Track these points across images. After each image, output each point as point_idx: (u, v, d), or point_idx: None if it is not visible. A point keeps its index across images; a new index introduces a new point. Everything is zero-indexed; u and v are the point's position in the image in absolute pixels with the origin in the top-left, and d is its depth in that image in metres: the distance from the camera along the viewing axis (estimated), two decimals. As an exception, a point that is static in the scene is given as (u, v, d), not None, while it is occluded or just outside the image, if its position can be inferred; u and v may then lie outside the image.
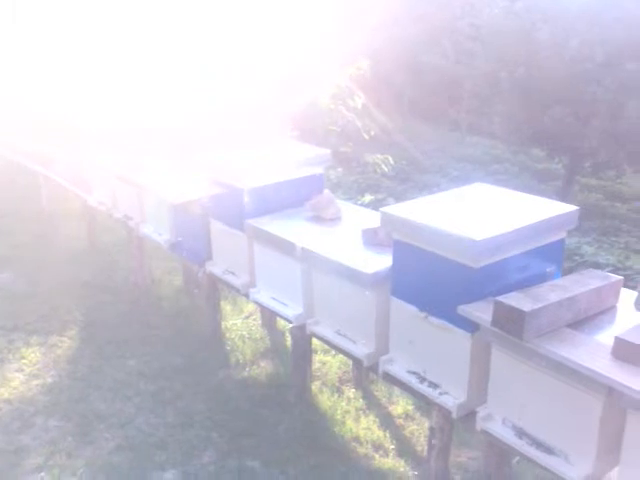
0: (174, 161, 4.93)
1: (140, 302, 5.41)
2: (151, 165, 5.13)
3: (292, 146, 4.68)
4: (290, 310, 3.86)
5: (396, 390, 4.15)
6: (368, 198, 7.81)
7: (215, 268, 4.51)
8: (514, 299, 2.58)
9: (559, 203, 3.14)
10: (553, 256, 3.06)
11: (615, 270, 6.14)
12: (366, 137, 7.31)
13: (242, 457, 3.50)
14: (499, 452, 3.38)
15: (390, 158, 7.73)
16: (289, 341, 4.27)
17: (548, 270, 3.02)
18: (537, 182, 11.86)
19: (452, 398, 2.99)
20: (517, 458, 3.47)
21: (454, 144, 14.46)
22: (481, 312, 2.70)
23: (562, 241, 3.09)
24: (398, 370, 3.25)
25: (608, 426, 2.47)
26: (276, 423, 3.81)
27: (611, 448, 2.49)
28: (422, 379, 3.15)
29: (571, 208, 3.05)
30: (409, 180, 10.52)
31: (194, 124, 5.15)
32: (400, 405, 4.10)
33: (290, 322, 3.88)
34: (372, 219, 3.61)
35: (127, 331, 4.88)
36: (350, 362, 4.27)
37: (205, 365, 4.44)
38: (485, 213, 3.04)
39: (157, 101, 5.53)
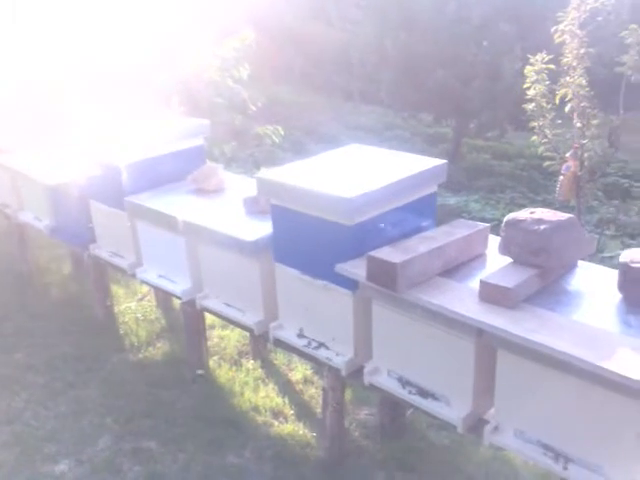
0: (48, 140, 4.69)
1: (26, 292, 5.16)
2: (24, 146, 4.86)
3: (170, 119, 4.56)
4: (178, 286, 3.79)
5: (295, 357, 4.18)
6: (263, 171, 7.74)
7: (100, 251, 4.36)
8: (385, 253, 2.64)
9: (429, 158, 3.23)
10: (426, 210, 3.15)
11: (500, 223, 6.43)
12: (253, 108, 7.21)
13: (138, 439, 3.43)
14: (392, 405, 3.52)
15: (280, 129, 7.66)
16: (184, 319, 4.20)
17: (422, 224, 3.11)
18: (428, 146, 12.19)
19: (340, 356, 3.05)
20: (411, 409, 3.60)
21: (348, 113, 14.58)
22: (358, 269, 2.75)
23: (434, 195, 3.19)
24: (288, 335, 3.27)
25: (482, 367, 2.59)
26: (173, 402, 3.76)
27: (488, 388, 2.61)
28: (311, 341, 3.18)
29: (439, 162, 3.15)
30: (304, 151, 10.53)
31: (67, 101, 4.91)
32: (299, 371, 4.14)
33: (179, 298, 3.82)
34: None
35: (12, 323, 4.64)
36: (249, 334, 4.27)
37: (98, 351, 4.30)
38: (358, 172, 3.09)
39: (23, 75, 5.22)
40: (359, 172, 3.10)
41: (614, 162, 11.21)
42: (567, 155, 4.54)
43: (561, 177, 4.58)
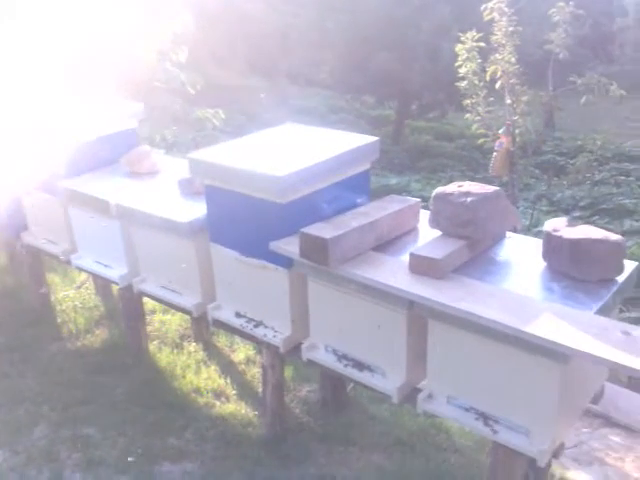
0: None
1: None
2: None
3: (103, 103, 4.45)
4: (115, 272, 3.73)
5: (237, 338, 4.19)
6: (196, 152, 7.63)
7: (32, 239, 4.25)
8: (317, 229, 2.66)
9: (362, 136, 3.26)
10: (360, 187, 3.18)
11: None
12: (192, 91, 7.11)
13: (76, 426, 3.38)
14: (333, 381, 3.56)
15: (221, 112, 7.59)
16: (123, 304, 4.14)
17: (357, 201, 3.14)
18: (372, 128, 12.27)
19: (278, 334, 3.06)
20: (351, 384, 3.66)
21: (293, 97, 14.54)
22: (291, 246, 2.76)
23: (367, 172, 3.22)
24: (226, 315, 3.26)
25: (415, 338, 2.65)
26: (113, 388, 3.71)
27: (421, 358, 2.67)
28: (249, 320, 3.19)
29: (371, 140, 3.17)
30: (247, 135, 10.46)
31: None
32: (241, 352, 4.15)
33: (117, 284, 3.76)
34: (190, 169, 3.55)
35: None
36: (190, 318, 4.24)
37: (34, 341, 4.20)
38: (290, 151, 3.09)
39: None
40: (292, 150, 3.10)
41: (550, 140, 11.56)
42: (500, 132, 4.64)
43: (494, 153, 4.69)
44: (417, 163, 9.74)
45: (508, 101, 4.57)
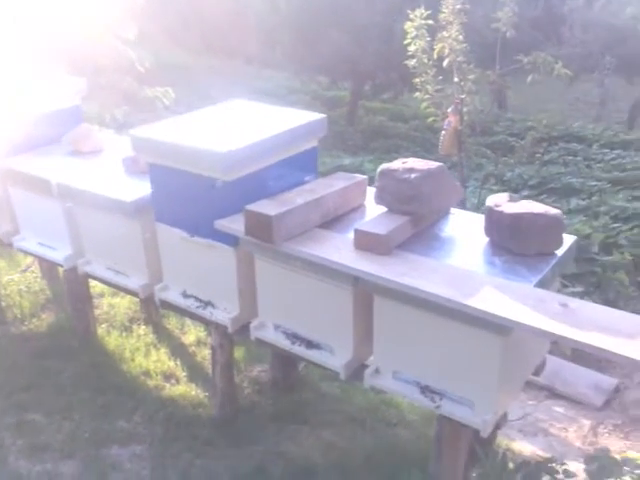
0: None
1: None
2: None
3: (44, 80, 4.31)
4: (59, 253, 3.63)
5: (188, 320, 4.15)
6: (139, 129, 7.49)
7: (-28, 221, 4.10)
8: (261, 206, 2.64)
9: (309, 112, 3.23)
10: (307, 165, 3.16)
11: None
12: (141, 69, 6.95)
13: (21, 412, 3.30)
14: (284, 360, 3.56)
15: (171, 91, 7.45)
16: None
17: (304, 179, 3.12)
18: (327, 109, 12.20)
19: (226, 314, 3.04)
20: (303, 363, 3.67)
21: (249, 78, 14.35)
22: (236, 224, 2.73)
23: (314, 150, 3.19)
24: (173, 296, 3.22)
25: (361, 314, 2.66)
26: (59, 372, 3.64)
27: (369, 334, 2.68)
28: (197, 300, 3.15)
29: (318, 116, 3.15)
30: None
31: None
32: (192, 333, 4.11)
33: (61, 266, 3.67)
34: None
35: None
36: (139, 300, 4.17)
37: (-24, 327, 4.09)
38: (236, 127, 3.05)
39: None
40: (237, 127, 3.06)
41: (502, 121, 11.72)
42: (448, 111, 4.67)
43: (443, 132, 4.72)
44: (371, 144, 9.76)
45: (456, 79, 4.60)
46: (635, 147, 9.66)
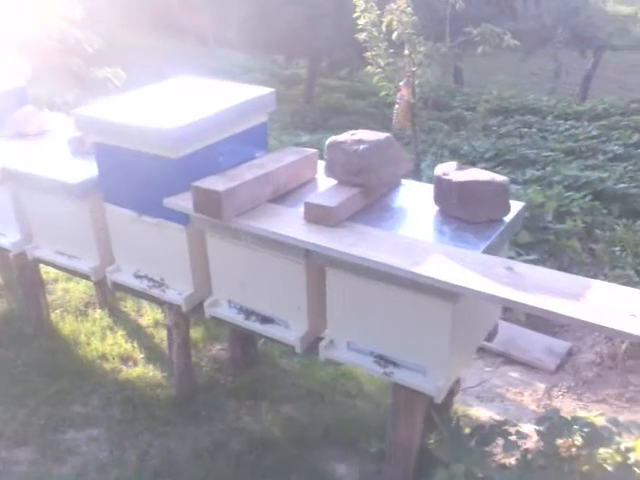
0: None
1: None
2: None
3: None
4: (7, 239, 3.54)
5: (145, 302, 4.10)
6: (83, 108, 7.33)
7: None
8: (210, 182, 2.60)
9: (257, 87, 3.19)
10: (257, 140, 3.12)
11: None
12: (89, 49, 6.78)
13: (-27, 402, 3.24)
14: (242, 337, 3.55)
15: (121, 71, 7.28)
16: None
17: (254, 155, 3.09)
18: (285, 88, 12.14)
19: (180, 293, 3.01)
20: (262, 340, 3.66)
21: (203, 57, 14.11)
22: (186, 201, 2.69)
23: (264, 125, 3.16)
24: (126, 278, 3.17)
25: (315, 287, 2.65)
26: (12, 359, 3.57)
27: (323, 307, 2.68)
28: (150, 281, 3.11)
29: (267, 91, 3.11)
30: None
31: None
32: (149, 315, 4.07)
33: (9, 251, 3.58)
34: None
35: None
36: (94, 284, 4.10)
37: None
38: (184, 103, 2.99)
39: None
40: (184, 103, 3.00)
41: (459, 96, 11.80)
42: (400, 84, 4.67)
43: (396, 106, 4.72)
44: (329, 121, 9.73)
45: (406, 52, 4.60)
46: (588, 117, 9.83)
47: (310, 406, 3.24)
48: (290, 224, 2.55)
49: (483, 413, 3.32)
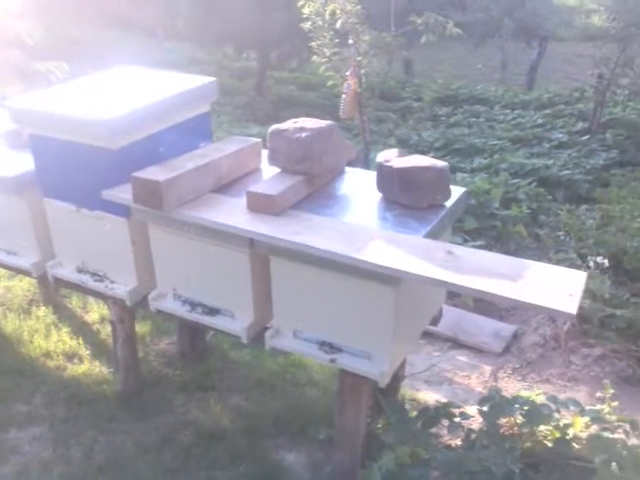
0: None
1: None
2: None
3: None
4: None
5: (91, 298, 4.02)
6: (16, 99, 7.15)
7: None
8: (150, 172, 2.56)
9: (198, 76, 3.15)
10: (200, 131, 3.08)
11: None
12: (30, 42, 6.56)
13: None
14: (190, 330, 3.52)
15: (65, 64, 7.08)
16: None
17: (197, 145, 3.04)
18: (236, 80, 12.02)
19: (123, 287, 2.96)
20: (211, 333, 3.64)
21: (150, 50, 13.85)
22: (126, 193, 2.64)
23: (206, 115, 3.12)
24: (67, 272, 3.10)
25: (260, 276, 2.64)
26: (-49, 361, 3.46)
27: (269, 296, 2.67)
28: (93, 275, 3.05)
29: (208, 80, 3.08)
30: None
31: None
32: (95, 311, 3.99)
33: (-55, 249, 3.45)
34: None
35: None
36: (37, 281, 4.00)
37: None
38: (122, 93, 2.93)
39: None
40: (123, 93, 2.94)
41: (409, 87, 11.90)
42: (347, 74, 4.68)
43: (343, 96, 4.73)
44: (281, 113, 9.67)
45: (350, 41, 4.61)
46: (534, 107, 10.02)
47: (260, 396, 3.23)
48: (233, 214, 2.53)
49: (431, 397, 3.37)
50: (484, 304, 4.37)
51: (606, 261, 4.00)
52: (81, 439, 2.90)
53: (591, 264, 4.01)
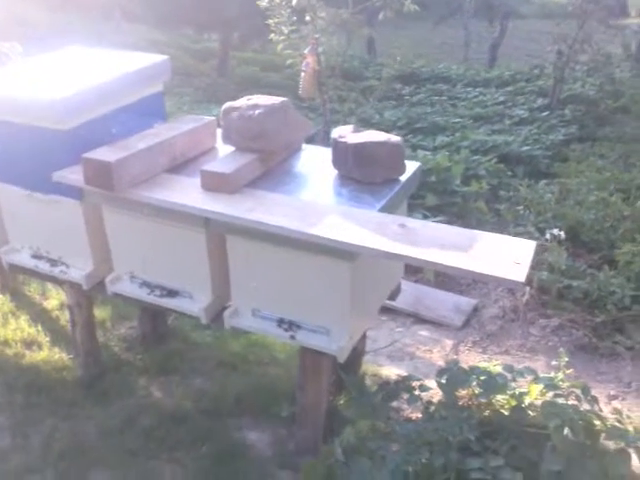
0: None
1: None
2: None
3: None
4: None
5: (50, 285, 3.95)
6: None
7: None
8: (100, 153, 2.51)
9: (151, 55, 3.10)
10: (153, 110, 3.03)
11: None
12: (-21, 24, 6.38)
13: None
14: (151, 313, 3.49)
15: (18, 45, 6.90)
16: None
17: (151, 125, 2.99)
18: (197, 62, 11.83)
19: (79, 271, 2.91)
20: (173, 316, 3.61)
21: (108, 33, 13.55)
22: (77, 175, 2.59)
23: (160, 94, 3.08)
24: (22, 258, 3.05)
25: (217, 256, 2.62)
26: None
27: (227, 276, 2.66)
28: (48, 260, 3.00)
29: (160, 58, 3.03)
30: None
31: None
32: (55, 298, 3.92)
33: None
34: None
35: None
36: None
37: None
38: (72, 73, 2.87)
39: None
40: (73, 74, 2.88)
41: (372, 67, 11.86)
42: (305, 52, 4.64)
43: (302, 74, 4.70)
44: (243, 94, 9.54)
45: (307, 18, 4.57)
46: (495, 84, 10.08)
47: (222, 377, 3.22)
48: (187, 193, 2.51)
49: (393, 372, 3.40)
50: (445, 279, 4.42)
51: (562, 233, 4.07)
52: (41, 427, 2.86)
53: (548, 237, 4.07)
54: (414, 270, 4.36)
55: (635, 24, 11.81)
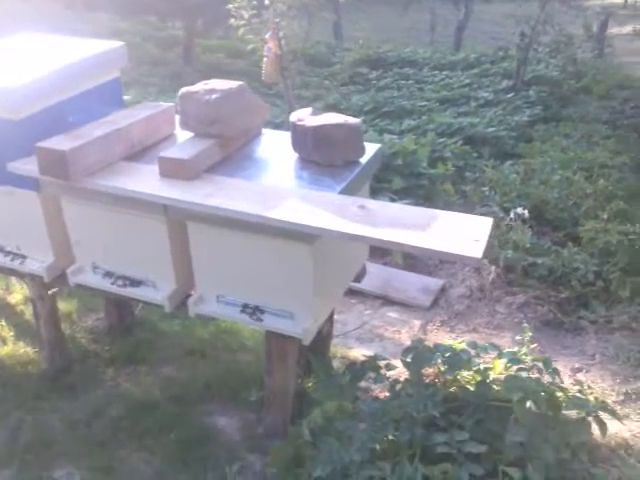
0: None
1: None
2: None
3: None
4: None
5: (14, 279, 3.89)
6: None
7: None
8: (54, 142, 2.47)
9: (106, 41, 3.04)
10: (110, 98, 2.98)
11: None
12: None
13: None
14: (117, 304, 3.46)
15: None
16: None
17: (107, 112, 2.94)
18: (161, 50, 11.68)
19: (40, 263, 2.87)
20: (140, 306, 3.58)
21: (69, 22, 13.29)
22: (32, 165, 2.54)
23: (116, 81, 3.02)
24: (-19, 252, 2.99)
25: (179, 243, 2.60)
26: None
27: (190, 263, 2.64)
28: (7, 253, 2.95)
29: (115, 45, 2.98)
30: None
31: None
32: (19, 292, 3.87)
33: None
34: None
35: None
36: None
37: None
38: (25, 61, 2.80)
39: None
40: (26, 61, 2.81)
41: (339, 52, 11.84)
42: (266, 36, 4.60)
43: (265, 59, 4.66)
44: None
45: (266, 2, 4.53)
46: (461, 67, 10.14)
47: (191, 365, 3.22)
48: (145, 180, 2.48)
49: (362, 353, 3.41)
50: (413, 262, 4.45)
51: (526, 212, 4.12)
52: (6, 421, 2.83)
53: (512, 216, 4.12)
54: (382, 253, 4.38)
55: (597, 5, 11.93)
